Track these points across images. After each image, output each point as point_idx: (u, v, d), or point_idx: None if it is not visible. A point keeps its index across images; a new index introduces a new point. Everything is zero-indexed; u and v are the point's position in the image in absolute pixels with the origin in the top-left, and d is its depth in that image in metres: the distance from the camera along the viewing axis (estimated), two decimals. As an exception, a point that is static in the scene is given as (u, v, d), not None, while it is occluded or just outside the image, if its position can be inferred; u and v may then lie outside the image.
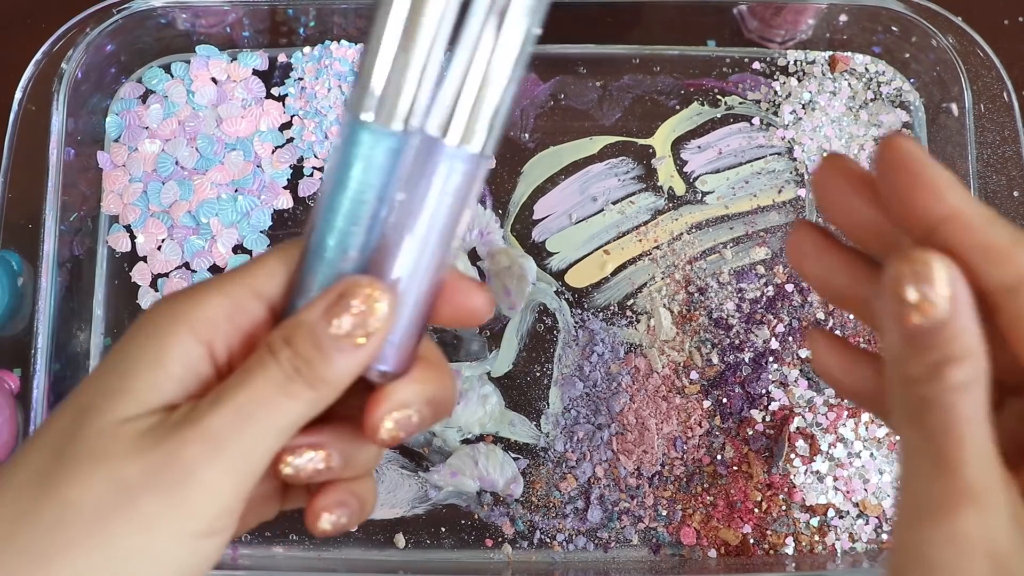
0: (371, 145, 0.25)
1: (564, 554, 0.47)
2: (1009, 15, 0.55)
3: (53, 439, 0.25)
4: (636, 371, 0.49)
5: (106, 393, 0.25)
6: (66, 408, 0.26)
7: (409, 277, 0.26)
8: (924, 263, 0.23)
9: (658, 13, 0.53)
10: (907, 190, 0.24)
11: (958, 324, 0.23)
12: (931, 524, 0.22)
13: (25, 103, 0.48)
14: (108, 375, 0.26)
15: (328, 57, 0.52)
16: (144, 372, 0.25)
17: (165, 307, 0.26)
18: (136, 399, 0.25)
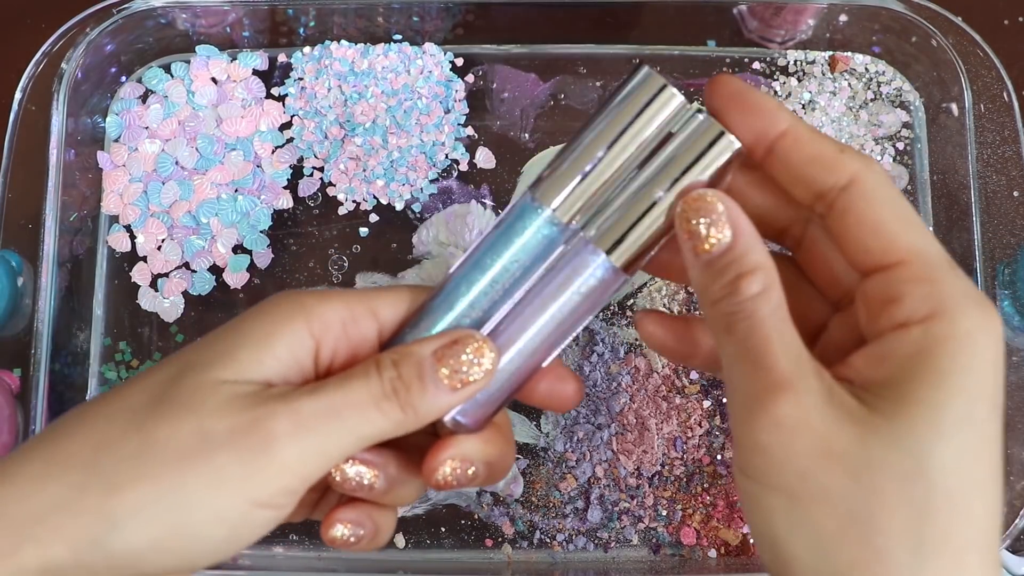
0: (538, 228, 0.29)
1: (564, 554, 0.47)
2: (1009, 15, 0.55)
3: (152, 386, 0.27)
4: (636, 371, 0.49)
5: (211, 355, 0.27)
6: (172, 361, 0.28)
7: (518, 351, 0.29)
8: (703, 199, 0.27)
9: (658, 13, 0.53)
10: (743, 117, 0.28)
11: (742, 244, 0.27)
12: (757, 415, 0.25)
13: (25, 103, 0.48)
14: (218, 342, 0.28)
15: (328, 57, 0.52)
16: (252, 345, 0.27)
17: (291, 296, 0.28)
18: (237, 366, 0.27)
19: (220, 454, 0.26)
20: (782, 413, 0.25)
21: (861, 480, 0.24)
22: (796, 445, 0.25)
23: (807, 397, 0.25)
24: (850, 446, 0.24)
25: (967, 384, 0.24)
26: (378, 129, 0.51)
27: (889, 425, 0.24)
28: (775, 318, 0.26)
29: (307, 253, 0.51)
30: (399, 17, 0.52)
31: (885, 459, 0.24)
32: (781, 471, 0.25)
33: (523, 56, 0.53)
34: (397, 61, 0.52)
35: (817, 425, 0.25)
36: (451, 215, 0.51)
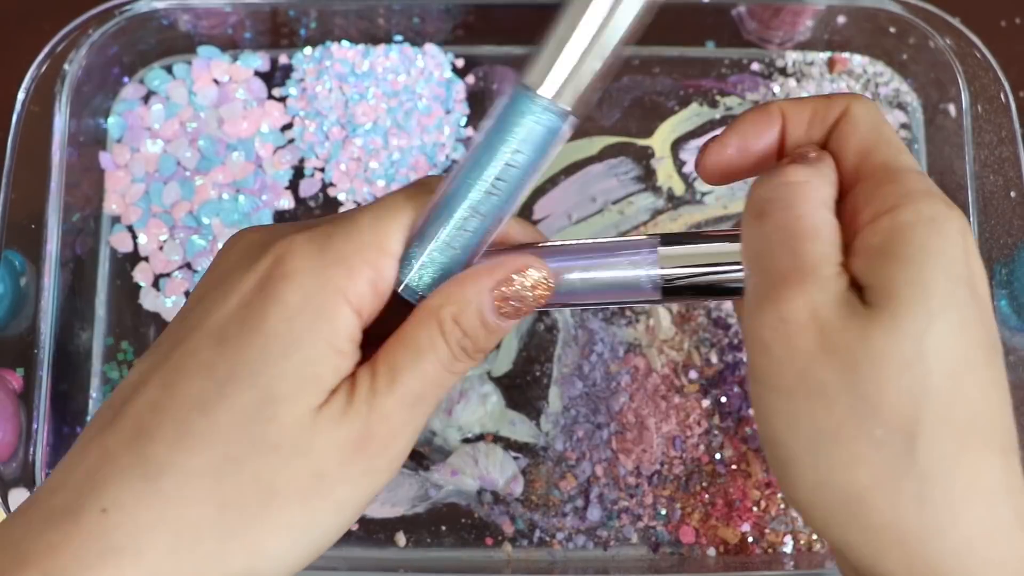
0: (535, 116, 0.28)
1: (564, 552, 0.47)
2: (1006, 16, 0.55)
3: (239, 423, 0.26)
4: (635, 370, 0.49)
5: (293, 380, 0.26)
6: (241, 389, 0.26)
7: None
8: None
9: (657, 14, 0.53)
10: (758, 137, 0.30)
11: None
12: (765, 309, 0.25)
13: (28, 104, 0.48)
14: (289, 357, 0.26)
15: (329, 58, 0.52)
16: (326, 356, 0.27)
17: (318, 277, 0.27)
18: (323, 386, 0.27)
19: (338, 489, 0.27)
20: (791, 307, 0.25)
21: (861, 373, 0.24)
22: (798, 341, 0.25)
23: (821, 290, 0.25)
24: (853, 341, 0.24)
25: (943, 264, 0.24)
26: (379, 130, 0.51)
27: (886, 313, 0.24)
28: (814, 205, 0.26)
29: (308, 253, 0.51)
30: (400, 18, 0.52)
31: (886, 348, 0.24)
32: (782, 369, 0.25)
33: (523, 57, 0.53)
34: (398, 62, 0.52)
35: (827, 322, 0.24)
36: (451, 215, 0.51)
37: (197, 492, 0.25)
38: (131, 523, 0.25)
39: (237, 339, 0.26)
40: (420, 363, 0.27)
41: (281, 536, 0.26)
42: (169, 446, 0.26)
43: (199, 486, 0.26)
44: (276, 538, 0.26)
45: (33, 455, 0.45)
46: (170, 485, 0.25)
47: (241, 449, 0.26)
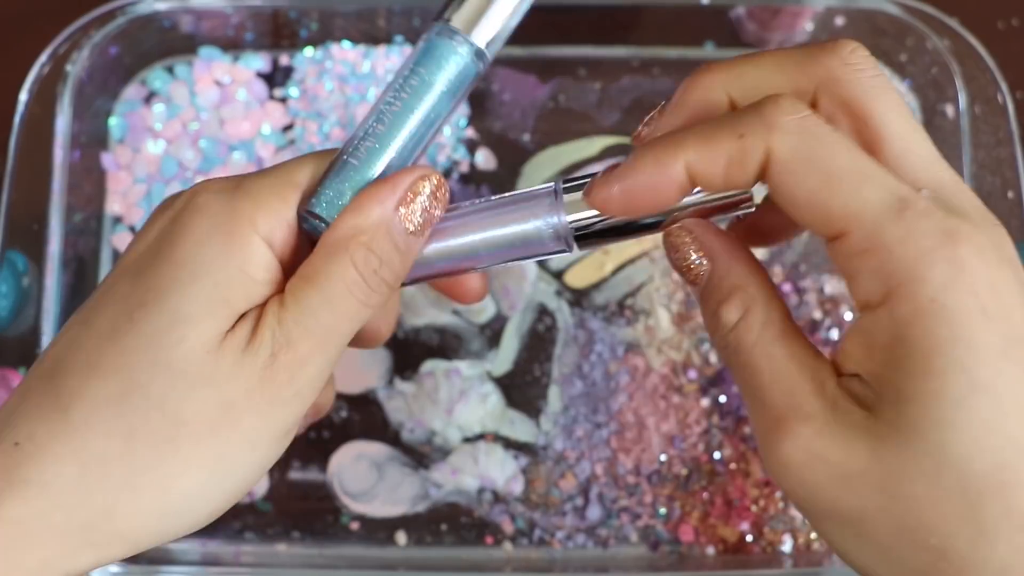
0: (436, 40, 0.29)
1: (563, 551, 0.48)
2: (1003, 17, 0.56)
3: (146, 348, 0.26)
4: (635, 370, 0.49)
5: (202, 303, 0.26)
6: (149, 314, 0.26)
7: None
8: (677, 239, 0.26)
9: (656, 16, 0.53)
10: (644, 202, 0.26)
11: (717, 270, 0.26)
12: (769, 459, 0.25)
13: (30, 105, 0.48)
14: (198, 280, 0.26)
15: (330, 59, 0.52)
16: (238, 282, 0.26)
17: (226, 206, 0.27)
18: (231, 310, 0.26)
19: (247, 420, 0.26)
20: (786, 454, 0.24)
21: (890, 492, 0.23)
22: (813, 479, 0.24)
23: (806, 428, 0.24)
24: (866, 464, 0.23)
25: (955, 357, 0.22)
26: (379, 131, 0.51)
27: (894, 431, 0.23)
28: (760, 344, 0.25)
29: (309, 253, 0.52)
30: (400, 20, 0.52)
31: (904, 467, 0.23)
32: (815, 504, 0.24)
33: (523, 58, 0.54)
34: (398, 63, 0.52)
35: (826, 455, 0.24)
36: (452, 216, 0.51)
37: (105, 422, 0.25)
38: (40, 455, 0.25)
39: (150, 269, 0.27)
40: (332, 297, 0.26)
41: (192, 471, 0.26)
42: (81, 377, 0.26)
43: (106, 415, 0.25)
44: (187, 473, 0.26)
45: (35, 454, 0.45)
46: (79, 416, 0.26)
47: (147, 375, 0.26)
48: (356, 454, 0.49)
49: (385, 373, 0.50)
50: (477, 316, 0.50)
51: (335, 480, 0.49)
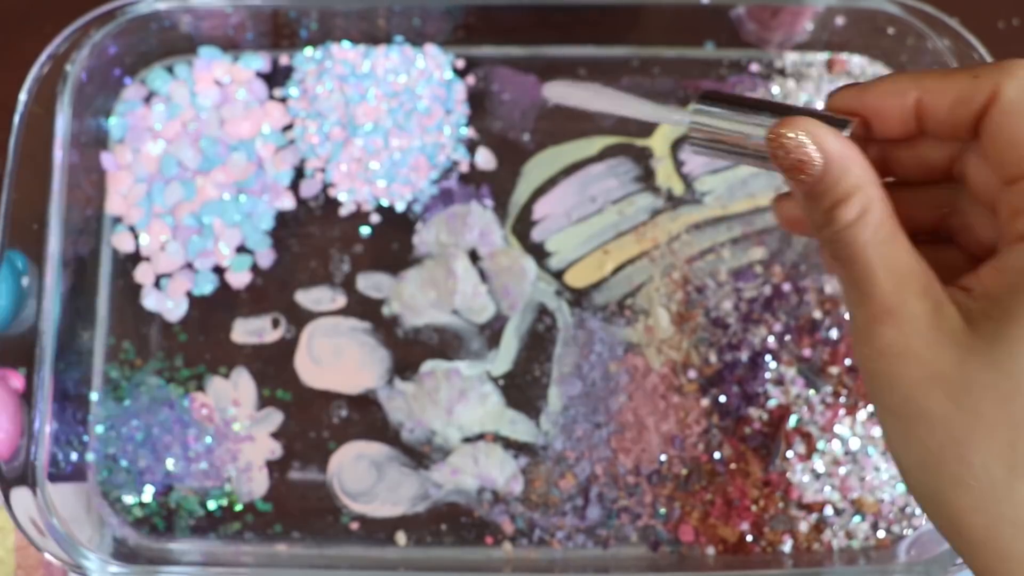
0: None
1: (563, 552, 0.48)
2: (1004, 17, 0.56)
3: None
4: (635, 370, 0.49)
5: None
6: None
7: None
8: (791, 134, 0.26)
9: (656, 15, 0.53)
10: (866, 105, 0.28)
11: (835, 169, 0.26)
12: (864, 344, 0.26)
13: (30, 104, 0.48)
14: None
15: (330, 59, 0.52)
16: None
17: None
18: None
19: None
20: (884, 343, 0.26)
21: (960, 403, 0.25)
22: (899, 371, 0.26)
23: (908, 324, 0.26)
24: (950, 369, 0.25)
25: None
26: (379, 130, 0.51)
27: (988, 346, 0.25)
28: (875, 242, 0.26)
29: (309, 253, 0.52)
30: (400, 19, 0.52)
31: (983, 381, 0.24)
32: (889, 395, 0.26)
33: (523, 58, 0.54)
34: (398, 63, 0.52)
35: (919, 350, 0.25)
36: (452, 215, 0.51)
37: None
38: None
39: None
40: None
41: None
42: None
43: None
44: None
45: (35, 455, 0.45)
46: None
47: None
48: (356, 454, 0.49)
49: (385, 373, 0.50)
50: (477, 316, 0.50)
51: (335, 480, 0.49)
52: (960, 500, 0.25)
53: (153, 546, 0.48)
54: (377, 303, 0.51)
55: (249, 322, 0.51)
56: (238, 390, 0.50)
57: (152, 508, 0.48)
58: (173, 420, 0.49)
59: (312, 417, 0.49)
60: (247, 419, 0.50)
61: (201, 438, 0.49)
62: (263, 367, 0.50)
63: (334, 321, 0.51)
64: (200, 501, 0.48)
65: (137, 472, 0.48)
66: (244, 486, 0.49)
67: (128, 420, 0.48)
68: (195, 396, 0.50)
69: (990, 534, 0.25)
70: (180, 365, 0.50)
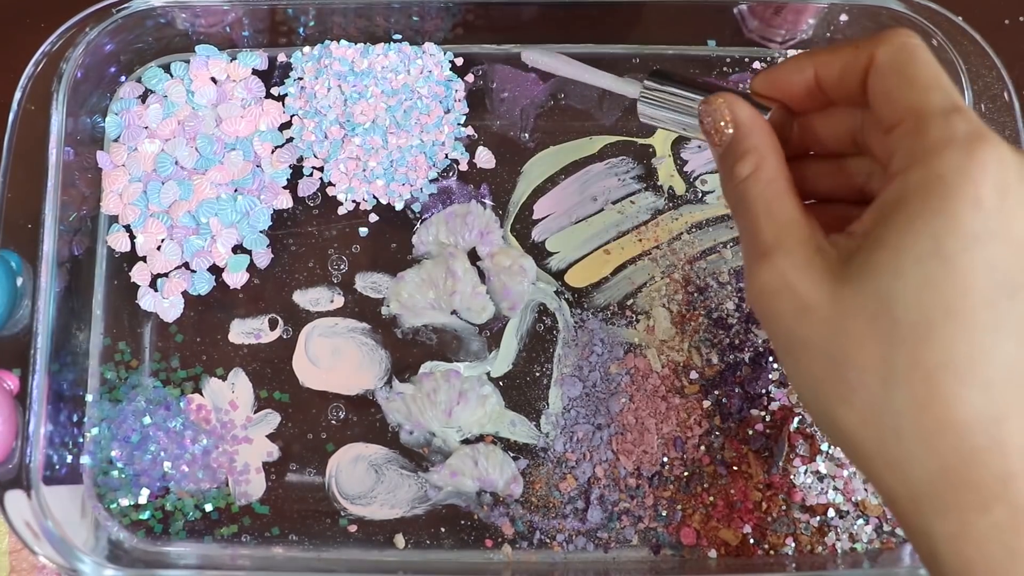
0: None
1: (564, 554, 0.47)
2: (1010, 15, 0.55)
3: None
4: (635, 371, 0.49)
5: None
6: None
7: None
8: (714, 103, 0.32)
9: (658, 13, 0.53)
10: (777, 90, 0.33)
11: (739, 134, 0.31)
12: (748, 284, 0.30)
13: (24, 102, 0.48)
14: None
15: (328, 57, 0.52)
16: None
17: None
18: None
19: None
20: (763, 280, 0.29)
21: (834, 328, 0.27)
22: (776, 306, 0.29)
23: (785, 261, 0.29)
24: (824, 298, 0.28)
25: (934, 223, 0.26)
26: (378, 129, 0.51)
27: (858, 273, 0.27)
28: (765, 195, 0.30)
29: (307, 253, 0.51)
30: (399, 17, 0.52)
31: (853, 303, 0.27)
32: (773, 329, 0.29)
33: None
34: (397, 61, 0.52)
35: (795, 285, 0.28)
36: (451, 215, 0.51)
37: None
38: None
39: None
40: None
41: None
42: None
43: None
44: None
45: (30, 457, 0.45)
46: None
47: None
48: (354, 456, 0.49)
49: (384, 374, 0.50)
50: (476, 316, 0.50)
51: (333, 482, 0.48)
52: (847, 417, 0.27)
53: (149, 549, 0.47)
54: (376, 303, 0.50)
55: (246, 323, 0.50)
56: (235, 391, 0.50)
57: (148, 511, 0.48)
58: (169, 422, 0.48)
59: (310, 419, 0.49)
60: (244, 421, 0.49)
61: (198, 440, 0.48)
62: (260, 368, 0.50)
63: (332, 322, 0.50)
64: (197, 503, 0.48)
65: (133, 474, 0.48)
66: (241, 488, 0.48)
67: (124, 422, 0.48)
68: (192, 398, 0.49)
69: (879, 445, 0.27)
70: (176, 366, 0.50)
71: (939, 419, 0.26)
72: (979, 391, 0.26)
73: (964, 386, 0.26)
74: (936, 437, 0.26)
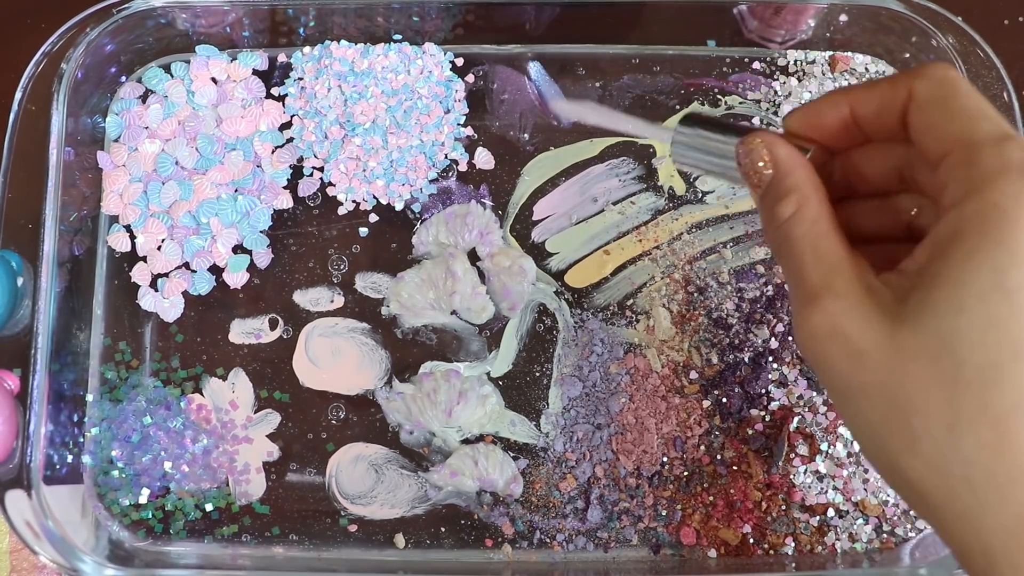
0: None
1: (564, 554, 0.47)
2: (1009, 15, 0.55)
3: None
4: (635, 371, 0.49)
5: None
6: None
7: None
8: (751, 144, 0.31)
9: (658, 13, 0.53)
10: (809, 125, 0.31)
11: (780, 175, 0.30)
12: (797, 329, 0.28)
13: (25, 103, 0.48)
14: None
15: (328, 57, 0.52)
16: None
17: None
18: None
19: None
20: (813, 324, 0.27)
21: (891, 371, 0.26)
22: (831, 352, 0.27)
23: (835, 304, 0.27)
24: (879, 342, 0.26)
25: (995, 256, 0.25)
26: (378, 129, 0.51)
27: (915, 312, 0.26)
28: (810, 235, 0.28)
29: (307, 253, 0.51)
30: (399, 17, 0.52)
31: (912, 345, 0.25)
32: (828, 376, 0.28)
33: (523, 56, 0.53)
34: (397, 61, 0.52)
35: (847, 329, 0.27)
36: (451, 215, 0.51)
37: None
38: None
39: None
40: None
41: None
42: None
43: None
44: None
45: (30, 457, 0.45)
46: None
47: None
48: (354, 456, 0.49)
49: (384, 374, 0.50)
50: (476, 317, 0.50)
51: (333, 482, 0.48)
52: (912, 466, 0.26)
53: (149, 549, 0.47)
54: (375, 303, 0.50)
55: (246, 323, 0.50)
56: (235, 391, 0.50)
57: (148, 510, 0.48)
58: (170, 422, 0.48)
59: (310, 418, 0.49)
60: (244, 420, 0.49)
61: (198, 440, 0.48)
62: (261, 368, 0.50)
63: (332, 322, 0.50)
64: (197, 503, 0.48)
65: (133, 474, 0.48)
66: (241, 488, 0.48)
67: (124, 422, 0.48)
68: (192, 397, 0.49)
69: (947, 495, 0.25)
70: (177, 366, 0.50)
71: (1013, 466, 0.24)
72: None
73: None
74: (1011, 486, 0.25)
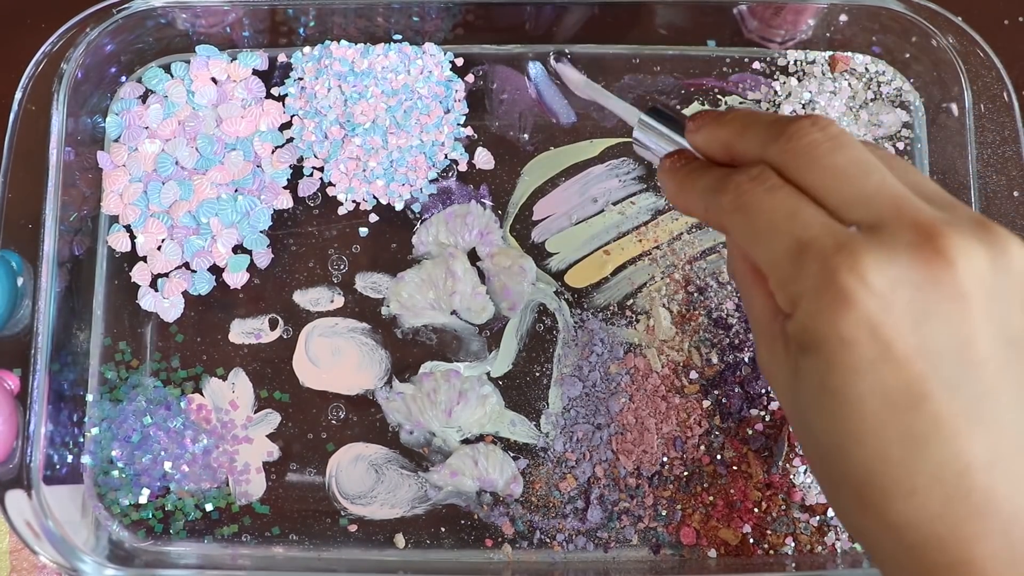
0: None
1: (564, 554, 0.47)
2: (1009, 15, 0.55)
3: None
4: (635, 371, 0.49)
5: None
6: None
7: None
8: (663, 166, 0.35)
9: (658, 13, 0.53)
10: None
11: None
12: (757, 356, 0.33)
13: (25, 103, 0.48)
14: None
15: (328, 57, 0.52)
16: None
17: None
18: None
19: None
20: (759, 359, 0.32)
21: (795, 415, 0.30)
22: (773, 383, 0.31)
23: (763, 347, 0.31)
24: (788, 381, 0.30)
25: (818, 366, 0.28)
26: (378, 129, 0.51)
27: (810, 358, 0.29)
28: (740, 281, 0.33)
29: (307, 253, 0.51)
30: (399, 17, 0.52)
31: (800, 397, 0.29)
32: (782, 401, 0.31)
33: (523, 56, 0.53)
34: (397, 61, 0.52)
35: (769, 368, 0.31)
36: (451, 215, 0.51)
37: None
38: None
39: None
40: None
41: None
42: None
43: None
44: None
45: (30, 456, 0.45)
46: None
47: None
48: (354, 456, 0.49)
49: (384, 374, 0.50)
50: (476, 317, 0.50)
51: (333, 482, 0.48)
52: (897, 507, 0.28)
53: (150, 549, 0.47)
54: (375, 303, 0.50)
55: (246, 323, 0.50)
56: (235, 391, 0.50)
57: (149, 510, 0.48)
58: (170, 421, 0.48)
59: (310, 418, 0.49)
60: (244, 420, 0.49)
61: (198, 440, 0.48)
62: (261, 368, 0.50)
63: (332, 322, 0.50)
64: (197, 503, 0.48)
65: (133, 474, 0.48)
66: (241, 488, 0.48)
67: (124, 421, 0.48)
68: (192, 397, 0.49)
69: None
70: (177, 366, 0.50)
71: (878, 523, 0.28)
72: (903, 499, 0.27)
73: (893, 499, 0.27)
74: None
